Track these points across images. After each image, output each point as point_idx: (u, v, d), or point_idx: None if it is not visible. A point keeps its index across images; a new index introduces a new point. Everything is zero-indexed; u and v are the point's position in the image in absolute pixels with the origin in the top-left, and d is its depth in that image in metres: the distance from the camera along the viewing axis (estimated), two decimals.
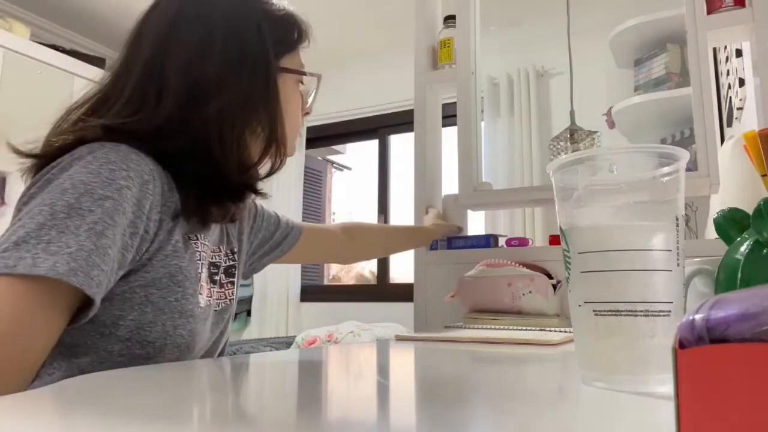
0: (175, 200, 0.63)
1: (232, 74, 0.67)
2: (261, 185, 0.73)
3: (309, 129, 3.58)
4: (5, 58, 2.48)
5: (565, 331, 0.82)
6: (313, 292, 3.50)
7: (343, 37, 3.24)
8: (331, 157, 4.18)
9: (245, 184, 0.71)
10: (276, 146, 0.71)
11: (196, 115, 0.65)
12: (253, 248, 0.90)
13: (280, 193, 3.45)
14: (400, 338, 0.81)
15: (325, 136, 3.66)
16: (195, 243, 0.66)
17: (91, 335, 0.58)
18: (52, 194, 0.54)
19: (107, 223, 0.54)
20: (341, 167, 4.35)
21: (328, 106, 3.51)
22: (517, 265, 1.05)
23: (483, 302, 1.07)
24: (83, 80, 2.78)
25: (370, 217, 3.45)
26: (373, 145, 3.51)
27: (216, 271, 0.73)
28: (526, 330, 0.88)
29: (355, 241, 1.12)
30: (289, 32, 0.75)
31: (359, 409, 0.36)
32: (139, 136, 0.62)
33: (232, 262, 0.79)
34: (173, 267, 0.62)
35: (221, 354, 0.79)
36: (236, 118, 0.67)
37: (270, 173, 0.74)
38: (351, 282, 4.20)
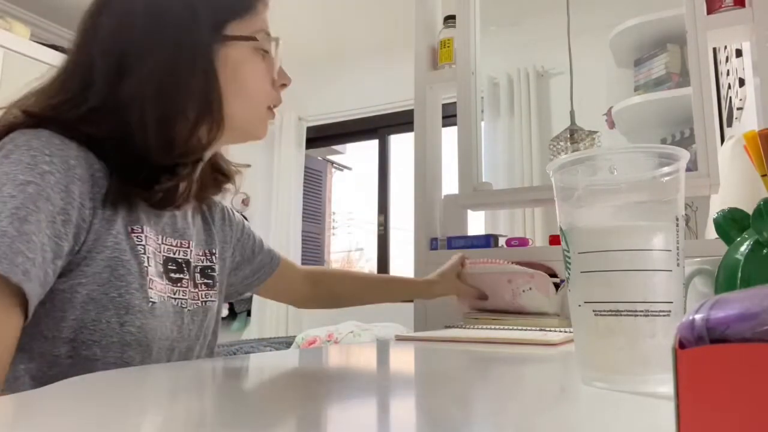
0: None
1: (155, 47, 0.62)
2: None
3: (309, 129, 3.58)
4: (5, 58, 2.48)
5: (565, 331, 0.82)
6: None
7: (343, 37, 3.24)
8: (331, 157, 4.18)
9: (171, 166, 0.64)
10: (209, 122, 0.65)
11: (119, 94, 0.61)
12: (236, 264, 0.87)
13: (280, 193, 3.45)
14: (400, 338, 0.81)
15: (325, 136, 3.66)
16: (138, 236, 0.62)
17: (37, 340, 0.56)
18: None
19: (30, 208, 0.52)
20: (341, 167, 4.35)
21: (328, 106, 3.51)
22: (507, 263, 1.05)
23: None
24: None
25: (370, 217, 3.45)
26: (373, 145, 3.51)
27: (176, 268, 0.69)
28: (526, 330, 0.88)
29: (318, 288, 1.02)
30: None
31: (359, 410, 0.36)
32: (63, 121, 0.60)
33: (209, 263, 0.76)
34: (114, 260, 0.59)
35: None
36: (160, 94, 0.62)
37: (207, 145, 0.67)
38: None
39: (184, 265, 0.70)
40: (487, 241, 1.24)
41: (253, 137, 0.74)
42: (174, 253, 0.69)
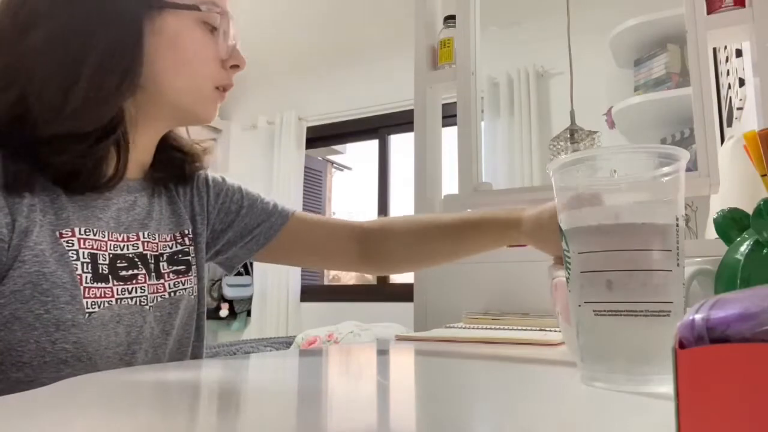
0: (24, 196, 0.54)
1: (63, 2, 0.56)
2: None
3: (309, 129, 3.58)
4: None
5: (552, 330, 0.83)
6: (313, 292, 3.50)
7: (343, 37, 3.24)
8: (331, 157, 4.18)
9: (64, 134, 0.55)
10: (122, 86, 0.57)
11: (19, 54, 0.54)
12: (219, 230, 0.77)
13: (280, 193, 3.44)
14: (400, 338, 0.81)
15: (325, 136, 3.66)
16: (68, 240, 0.56)
17: None
18: None
19: None
20: (341, 167, 4.35)
21: (328, 106, 3.51)
22: None
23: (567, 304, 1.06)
24: None
25: (370, 217, 3.45)
26: (373, 145, 3.51)
27: (126, 264, 0.62)
28: (526, 330, 0.88)
29: (364, 245, 0.81)
30: None
31: (359, 410, 0.36)
32: None
33: (180, 247, 0.69)
34: (35, 275, 0.53)
35: (194, 358, 0.71)
36: (66, 50, 0.55)
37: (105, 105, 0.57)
38: (351, 282, 4.20)
39: (136, 259, 0.64)
40: None
41: (197, 119, 0.68)
42: (122, 249, 0.62)
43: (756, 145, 0.48)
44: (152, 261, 0.66)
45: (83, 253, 0.58)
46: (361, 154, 4.08)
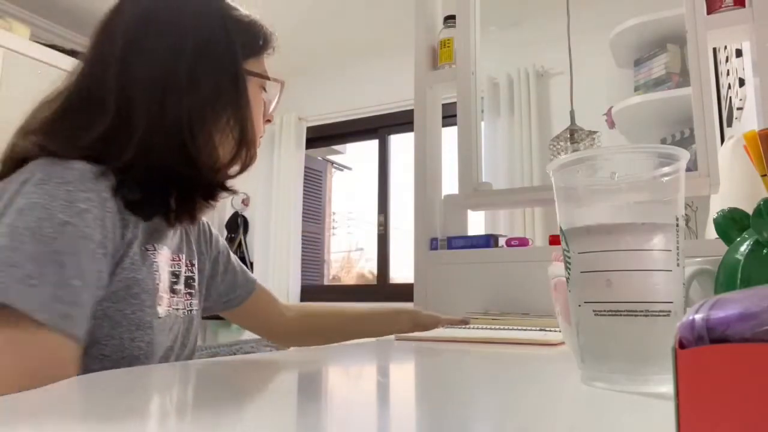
0: (129, 213, 0.63)
1: (202, 74, 0.67)
2: (231, 184, 0.75)
3: (309, 129, 3.58)
4: (5, 58, 2.48)
5: (547, 330, 0.83)
6: (313, 292, 3.50)
7: (343, 37, 3.24)
8: (331, 157, 4.18)
9: (217, 183, 0.71)
10: (246, 146, 0.71)
11: (168, 117, 0.65)
12: (211, 277, 0.87)
13: (280, 193, 3.44)
14: (400, 338, 0.81)
15: (325, 136, 3.66)
16: (153, 254, 0.66)
17: None
18: (11, 216, 0.53)
19: (68, 252, 0.53)
20: (341, 167, 4.35)
21: (328, 106, 3.51)
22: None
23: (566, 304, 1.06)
24: None
25: (370, 217, 3.45)
26: (373, 145, 3.51)
27: (176, 280, 0.72)
28: (526, 330, 0.88)
29: (301, 322, 0.99)
30: (254, 38, 0.75)
31: (359, 410, 0.36)
32: (84, 148, 0.62)
33: (191, 273, 0.78)
34: (130, 280, 0.61)
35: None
36: (206, 118, 0.67)
37: (239, 172, 0.74)
38: (351, 282, 4.20)
39: (178, 277, 0.74)
40: (487, 241, 1.24)
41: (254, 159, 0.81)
42: (172, 267, 0.72)
43: (756, 145, 0.48)
44: (180, 280, 0.74)
45: (161, 265, 0.67)
46: (361, 154, 4.08)
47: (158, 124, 0.65)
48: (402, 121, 3.22)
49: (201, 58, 0.68)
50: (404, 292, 2.31)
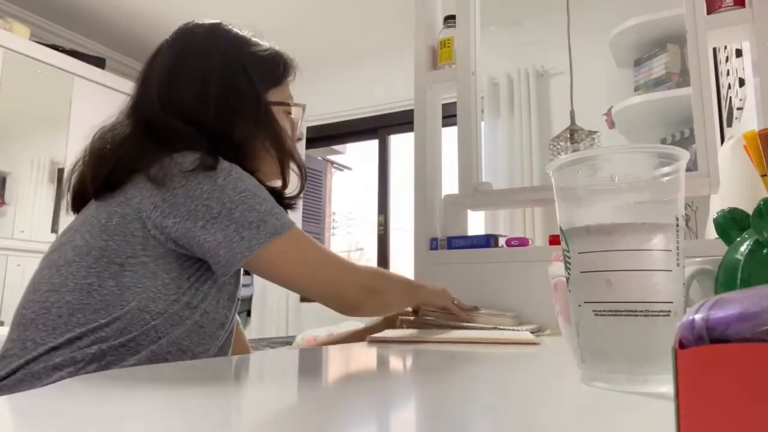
0: None
1: (230, 117, 0.78)
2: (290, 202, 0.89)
3: (309, 129, 3.58)
4: (5, 58, 2.48)
5: (516, 330, 0.87)
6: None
7: (343, 37, 3.24)
8: (331, 157, 4.18)
9: (284, 206, 0.85)
10: (291, 161, 0.84)
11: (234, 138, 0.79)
12: None
13: None
14: (372, 339, 0.80)
15: (325, 136, 3.66)
16: None
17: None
18: (238, 192, 0.71)
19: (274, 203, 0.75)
20: (341, 167, 4.35)
21: (328, 106, 3.51)
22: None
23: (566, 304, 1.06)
24: (83, 80, 2.78)
25: (370, 217, 3.45)
26: (373, 145, 3.51)
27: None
28: (483, 330, 0.90)
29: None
30: (275, 69, 0.85)
31: (358, 411, 0.36)
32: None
33: None
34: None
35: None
36: (246, 152, 0.79)
37: (299, 192, 0.89)
38: None
39: None
40: (487, 241, 1.24)
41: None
42: None
43: (756, 145, 0.48)
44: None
45: None
46: (361, 154, 4.08)
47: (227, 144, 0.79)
48: (402, 121, 3.22)
49: (227, 104, 0.78)
50: None
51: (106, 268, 0.68)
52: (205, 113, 0.77)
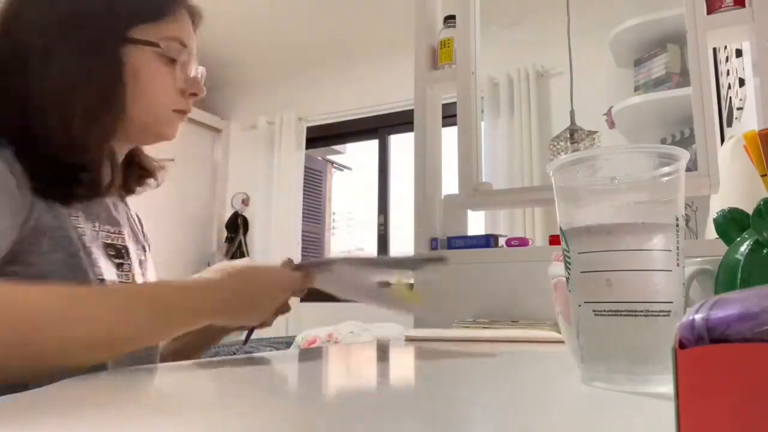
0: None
1: (62, 43, 0.64)
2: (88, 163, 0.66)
3: (309, 129, 3.58)
4: None
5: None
6: (313, 292, 3.50)
7: (343, 37, 3.24)
8: (331, 157, 4.18)
9: (76, 165, 0.64)
10: (110, 119, 0.66)
11: (20, 89, 0.62)
12: None
13: (280, 193, 3.44)
14: (410, 339, 0.81)
15: (325, 136, 3.66)
16: (75, 219, 0.64)
17: None
18: None
19: None
20: (341, 167, 4.35)
21: (328, 106, 3.51)
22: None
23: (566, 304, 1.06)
24: None
25: (370, 217, 3.45)
26: (373, 145, 3.51)
27: (114, 253, 0.69)
28: (509, 329, 0.89)
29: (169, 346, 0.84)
30: (146, 1, 0.70)
31: (359, 409, 0.36)
32: None
33: (145, 259, 0.76)
34: (63, 239, 0.61)
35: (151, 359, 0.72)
36: (66, 90, 0.63)
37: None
38: None
39: (123, 252, 0.71)
40: (487, 241, 1.24)
41: (161, 138, 0.75)
42: (112, 240, 0.70)
43: (756, 145, 0.48)
44: (133, 260, 0.72)
45: (86, 231, 0.64)
46: (361, 154, 4.08)
47: (9, 101, 0.63)
48: (402, 121, 3.22)
49: (65, 27, 0.64)
50: None
51: None
52: (32, 34, 0.63)
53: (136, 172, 0.80)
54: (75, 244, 0.61)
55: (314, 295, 0.76)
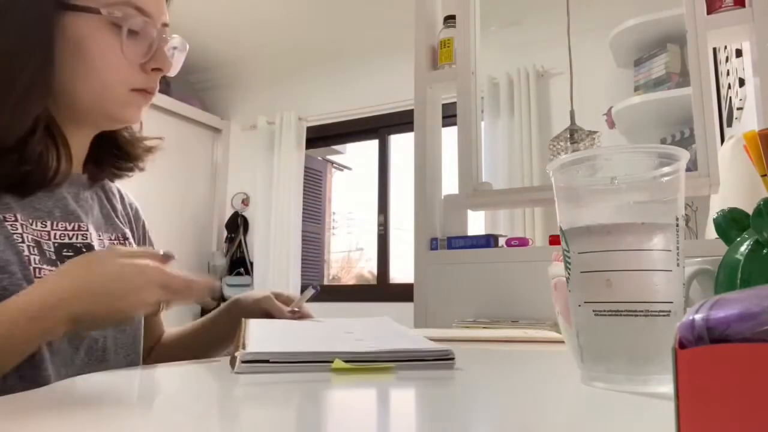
0: None
1: None
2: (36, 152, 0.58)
3: (309, 129, 3.58)
4: None
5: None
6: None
7: (344, 37, 3.24)
8: (331, 157, 4.18)
9: (15, 147, 0.56)
10: (42, 95, 0.57)
11: None
12: None
13: (280, 193, 3.44)
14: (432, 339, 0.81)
15: (325, 136, 3.66)
16: (11, 224, 0.56)
17: None
18: None
19: None
20: (341, 167, 4.35)
21: (328, 106, 3.51)
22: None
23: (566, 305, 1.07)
24: None
25: (370, 217, 3.45)
26: (373, 145, 3.51)
27: (72, 253, 0.60)
28: (511, 329, 0.89)
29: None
30: None
31: (359, 409, 0.36)
32: None
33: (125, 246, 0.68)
34: None
35: (149, 353, 0.67)
36: None
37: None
38: (351, 282, 4.20)
39: (84, 251, 0.62)
40: (487, 241, 1.24)
41: (118, 121, 0.65)
42: (70, 238, 0.62)
43: (756, 145, 0.48)
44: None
45: (27, 237, 0.57)
46: (361, 154, 4.08)
47: None
48: (402, 121, 3.22)
49: None
50: (404, 293, 2.31)
51: None
52: None
53: (116, 156, 0.71)
54: (4, 256, 0.53)
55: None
